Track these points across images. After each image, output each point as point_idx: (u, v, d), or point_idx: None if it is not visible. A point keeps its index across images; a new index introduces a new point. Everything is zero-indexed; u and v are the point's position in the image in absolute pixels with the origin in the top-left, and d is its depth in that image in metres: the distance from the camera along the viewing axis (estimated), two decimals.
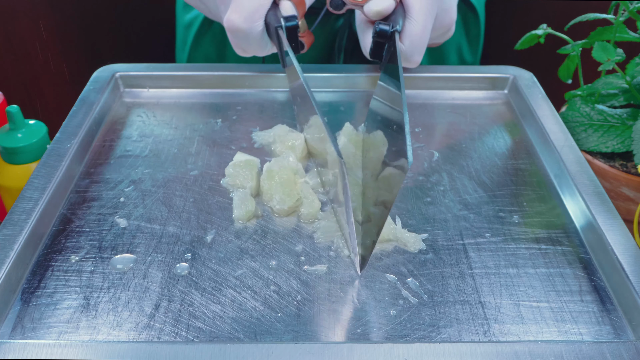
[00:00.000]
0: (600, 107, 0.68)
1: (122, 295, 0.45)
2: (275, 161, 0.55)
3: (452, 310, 0.44)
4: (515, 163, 0.60)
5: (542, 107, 0.64)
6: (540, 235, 0.51)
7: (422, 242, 0.50)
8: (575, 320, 0.44)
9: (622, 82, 0.65)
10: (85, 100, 0.64)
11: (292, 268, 0.48)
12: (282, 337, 0.42)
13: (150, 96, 0.69)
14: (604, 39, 0.69)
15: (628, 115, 0.67)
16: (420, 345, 0.40)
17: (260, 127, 0.64)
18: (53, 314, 0.44)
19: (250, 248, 0.50)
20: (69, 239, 0.50)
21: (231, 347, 0.40)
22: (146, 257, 0.48)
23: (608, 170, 0.64)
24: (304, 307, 0.45)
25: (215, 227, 0.52)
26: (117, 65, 0.71)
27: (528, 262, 0.49)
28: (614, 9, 0.70)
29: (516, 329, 0.43)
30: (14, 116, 0.64)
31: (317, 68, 0.72)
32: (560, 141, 0.59)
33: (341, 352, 0.40)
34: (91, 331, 0.43)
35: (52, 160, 0.56)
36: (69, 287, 0.46)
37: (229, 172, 0.56)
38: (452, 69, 0.71)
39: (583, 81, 0.73)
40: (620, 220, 0.50)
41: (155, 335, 0.42)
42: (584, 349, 0.40)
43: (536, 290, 0.46)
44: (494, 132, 0.64)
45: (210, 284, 0.46)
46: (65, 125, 0.60)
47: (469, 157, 0.60)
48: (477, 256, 0.49)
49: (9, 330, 0.43)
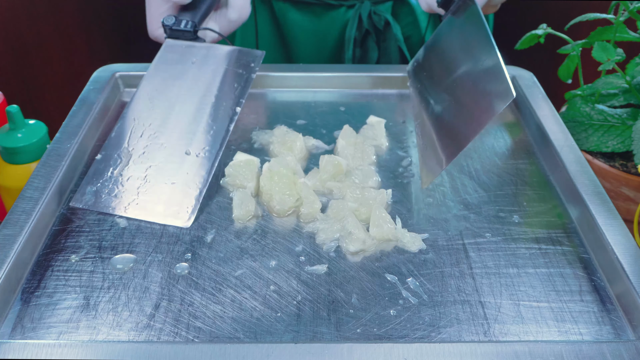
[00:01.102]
0: (600, 107, 0.68)
1: (122, 295, 0.45)
2: (275, 161, 0.55)
3: (452, 310, 0.44)
4: (515, 163, 0.60)
5: (542, 107, 0.64)
6: (540, 235, 0.51)
7: (422, 242, 0.50)
8: (575, 320, 0.44)
9: (622, 82, 0.65)
10: (85, 100, 0.64)
11: (292, 268, 0.48)
12: (282, 337, 0.42)
13: None
14: (604, 39, 0.69)
15: (628, 115, 0.67)
16: (420, 345, 0.40)
17: (260, 127, 0.64)
18: (53, 314, 0.44)
19: (250, 248, 0.50)
20: (68, 239, 0.50)
21: (231, 347, 0.40)
22: (146, 257, 0.48)
23: (608, 170, 0.64)
24: (304, 307, 0.45)
25: (215, 227, 0.52)
26: (117, 65, 0.71)
27: (528, 262, 0.49)
28: (614, 9, 0.70)
29: (516, 329, 0.43)
30: (14, 116, 0.64)
31: (317, 68, 0.72)
32: (560, 141, 0.59)
33: (341, 352, 0.40)
34: (91, 331, 0.43)
35: (52, 160, 0.56)
36: (69, 287, 0.46)
37: (229, 172, 0.56)
38: None
39: (583, 81, 0.73)
40: (620, 220, 0.50)
41: (155, 335, 0.42)
42: (584, 349, 0.40)
43: (536, 290, 0.46)
44: (494, 132, 0.64)
45: (210, 284, 0.46)
46: (65, 125, 0.60)
47: (469, 157, 0.60)
48: (477, 256, 0.49)
49: (9, 330, 0.43)
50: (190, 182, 0.53)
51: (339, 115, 0.67)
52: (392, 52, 0.81)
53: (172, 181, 0.53)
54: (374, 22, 0.79)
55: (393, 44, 0.80)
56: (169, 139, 0.56)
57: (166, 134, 0.57)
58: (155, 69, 0.63)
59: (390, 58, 0.81)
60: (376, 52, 0.81)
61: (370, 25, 0.79)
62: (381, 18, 0.78)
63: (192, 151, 0.55)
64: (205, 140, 0.56)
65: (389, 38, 0.80)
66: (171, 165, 0.54)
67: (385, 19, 0.78)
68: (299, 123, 0.65)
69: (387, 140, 0.62)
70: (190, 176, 0.53)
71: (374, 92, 0.71)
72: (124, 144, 0.56)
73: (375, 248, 0.50)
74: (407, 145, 0.62)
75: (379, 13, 0.78)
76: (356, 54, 0.82)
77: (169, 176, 0.54)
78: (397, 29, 0.79)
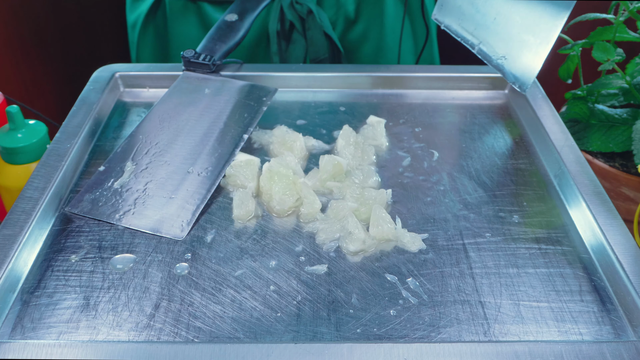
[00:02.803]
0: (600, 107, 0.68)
1: (122, 295, 0.45)
2: (275, 161, 0.56)
3: (452, 310, 0.44)
4: (515, 163, 0.60)
5: (542, 107, 0.64)
6: (540, 235, 0.51)
7: (422, 242, 0.50)
8: (575, 320, 0.44)
9: (622, 82, 0.65)
10: (85, 100, 0.64)
11: (292, 268, 0.48)
12: (282, 337, 0.42)
13: (150, 96, 0.69)
14: (604, 39, 0.69)
15: (628, 115, 0.67)
16: (420, 345, 0.40)
17: (260, 127, 0.64)
18: (53, 314, 0.44)
19: (250, 248, 0.50)
20: (68, 239, 0.50)
21: (231, 347, 0.40)
22: (146, 257, 0.48)
23: (608, 170, 0.64)
24: (303, 307, 0.45)
25: (215, 227, 0.52)
26: (117, 65, 0.71)
27: (528, 262, 0.49)
28: (614, 9, 0.70)
29: (516, 329, 0.43)
30: (14, 116, 0.64)
31: (317, 68, 0.72)
32: (560, 141, 0.59)
33: (341, 352, 0.40)
34: (91, 331, 0.43)
35: (52, 160, 0.56)
36: (68, 287, 0.46)
37: (230, 172, 0.55)
38: (452, 69, 0.71)
39: (583, 81, 0.73)
40: (620, 220, 0.50)
41: (155, 335, 0.42)
42: (584, 349, 0.40)
43: (536, 290, 0.46)
44: (494, 132, 0.64)
45: (210, 284, 0.46)
46: (65, 125, 0.60)
47: (469, 157, 0.60)
48: (477, 256, 0.49)
49: (9, 330, 0.43)
50: (189, 198, 0.53)
51: (339, 115, 0.67)
52: (317, 40, 0.79)
53: (170, 196, 0.53)
54: (297, 12, 0.77)
55: (318, 32, 0.78)
56: (174, 158, 0.57)
57: (171, 153, 0.57)
58: (168, 96, 0.65)
59: (318, 47, 0.79)
60: (303, 43, 0.79)
61: (293, 16, 0.78)
62: (304, 7, 0.77)
63: (194, 170, 0.55)
64: (208, 161, 0.56)
65: (313, 27, 0.78)
66: (172, 181, 0.55)
67: (308, 8, 0.77)
68: (299, 123, 0.65)
69: (387, 140, 0.62)
70: (189, 192, 0.53)
71: (374, 92, 0.71)
72: (128, 159, 0.57)
73: (375, 248, 0.50)
74: (407, 145, 0.62)
75: (302, 2, 0.77)
76: (282, 47, 0.80)
77: (168, 191, 0.54)
78: (323, 17, 0.78)
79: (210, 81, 0.67)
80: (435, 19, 0.68)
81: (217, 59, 0.67)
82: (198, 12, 0.80)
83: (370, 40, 0.84)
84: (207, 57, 0.67)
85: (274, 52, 0.79)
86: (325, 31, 0.78)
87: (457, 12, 0.65)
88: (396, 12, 0.83)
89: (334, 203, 0.53)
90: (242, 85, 0.66)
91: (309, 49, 0.80)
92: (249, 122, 0.60)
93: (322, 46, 0.79)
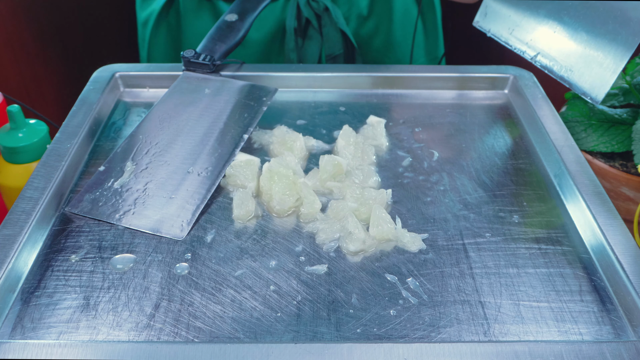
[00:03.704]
0: (600, 107, 0.68)
1: (122, 295, 0.45)
2: (275, 161, 0.56)
3: (452, 310, 0.44)
4: (515, 163, 0.60)
5: (542, 107, 0.64)
6: (540, 235, 0.51)
7: (422, 241, 0.50)
8: (575, 320, 0.44)
9: (622, 82, 0.65)
10: (85, 100, 0.64)
11: (292, 268, 0.48)
12: (282, 337, 0.42)
13: (150, 96, 0.69)
14: None
15: (628, 115, 0.67)
16: (420, 345, 0.40)
17: (260, 127, 0.64)
18: (53, 314, 0.44)
19: (250, 248, 0.50)
20: (69, 239, 0.50)
21: (231, 347, 0.40)
22: (146, 257, 0.48)
23: (608, 170, 0.64)
24: (303, 307, 0.45)
25: (215, 227, 0.52)
26: (117, 65, 0.71)
27: (528, 262, 0.49)
28: None
29: (516, 329, 0.43)
30: (15, 116, 0.64)
31: (317, 68, 0.72)
32: (560, 141, 0.59)
33: (341, 352, 0.40)
34: (91, 331, 0.43)
35: (52, 160, 0.56)
36: (68, 287, 0.46)
37: (230, 172, 0.55)
38: (452, 69, 0.71)
39: None
40: (620, 220, 0.50)
41: (155, 335, 0.42)
42: (584, 349, 0.40)
43: (536, 290, 0.46)
44: (494, 132, 0.64)
45: (210, 284, 0.46)
46: (65, 125, 0.60)
47: (469, 157, 0.60)
48: (477, 256, 0.49)
49: (9, 330, 0.43)
50: (189, 198, 0.53)
51: (339, 115, 0.67)
52: (333, 36, 0.79)
53: (170, 195, 0.53)
54: (313, 9, 0.78)
55: (333, 28, 0.79)
56: (174, 158, 0.57)
57: (171, 153, 0.57)
58: (168, 96, 0.65)
59: (333, 43, 0.80)
60: (319, 39, 0.80)
61: (309, 13, 0.78)
62: (320, 4, 0.78)
63: (194, 170, 0.55)
64: (209, 161, 0.56)
65: (328, 23, 0.79)
66: (172, 181, 0.55)
67: (324, 5, 0.77)
68: (299, 123, 0.65)
69: (387, 140, 0.62)
70: (189, 192, 0.53)
71: (374, 92, 0.71)
72: (128, 159, 0.57)
73: (375, 248, 0.50)
74: (407, 145, 0.62)
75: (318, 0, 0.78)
76: (298, 44, 0.80)
77: (168, 191, 0.54)
78: (338, 13, 0.78)
79: (210, 81, 0.67)
80: (478, 26, 0.67)
81: (217, 59, 0.68)
82: (212, 9, 0.81)
83: (380, 35, 0.85)
84: (207, 57, 0.68)
85: (290, 48, 0.80)
86: (339, 27, 0.79)
87: (507, 20, 0.64)
88: (405, 7, 0.83)
89: (334, 203, 0.53)
90: (242, 85, 0.66)
91: (325, 45, 0.80)
92: (249, 122, 0.60)
93: (337, 42, 0.80)
